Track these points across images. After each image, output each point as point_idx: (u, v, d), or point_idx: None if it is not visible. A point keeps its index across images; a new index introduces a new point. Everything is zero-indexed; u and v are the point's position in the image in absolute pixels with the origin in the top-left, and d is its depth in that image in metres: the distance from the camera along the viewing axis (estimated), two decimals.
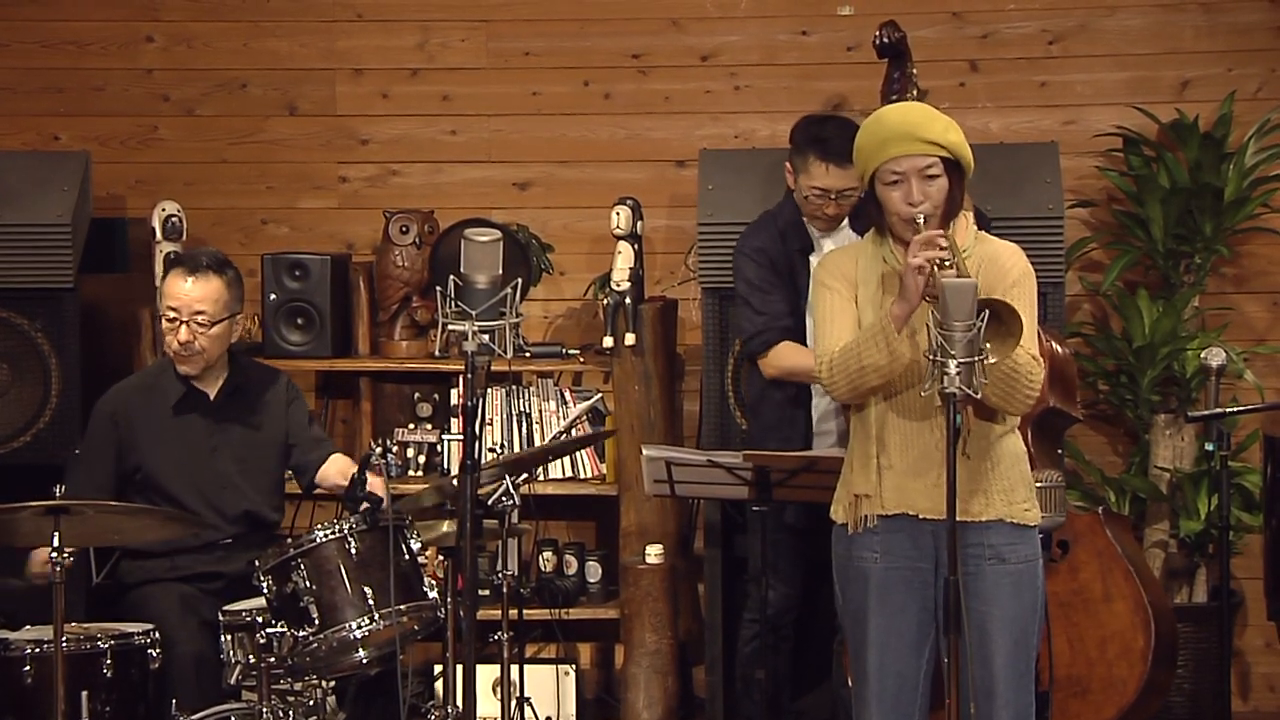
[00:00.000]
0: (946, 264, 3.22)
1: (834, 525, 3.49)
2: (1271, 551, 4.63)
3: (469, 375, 3.46)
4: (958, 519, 3.23)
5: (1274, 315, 5.43)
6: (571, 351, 5.22)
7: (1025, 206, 4.79)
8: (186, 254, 4.38)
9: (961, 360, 3.09)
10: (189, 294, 4.23)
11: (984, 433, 3.38)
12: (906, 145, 3.33)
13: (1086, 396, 5.27)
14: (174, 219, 5.20)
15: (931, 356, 3.12)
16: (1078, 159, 5.36)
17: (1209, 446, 4.51)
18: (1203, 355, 4.64)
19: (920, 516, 3.38)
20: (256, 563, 3.96)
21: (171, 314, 4.25)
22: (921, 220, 3.32)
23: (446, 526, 4.21)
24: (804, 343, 4.27)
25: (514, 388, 5.21)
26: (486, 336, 3.43)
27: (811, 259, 4.33)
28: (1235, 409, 4.71)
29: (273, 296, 5.17)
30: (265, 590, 3.93)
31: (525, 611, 4.70)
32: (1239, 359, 5.14)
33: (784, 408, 4.34)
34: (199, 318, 4.23)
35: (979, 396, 3.15)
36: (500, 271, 3.45)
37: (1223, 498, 4.43)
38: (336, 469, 4.37)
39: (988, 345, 3.12)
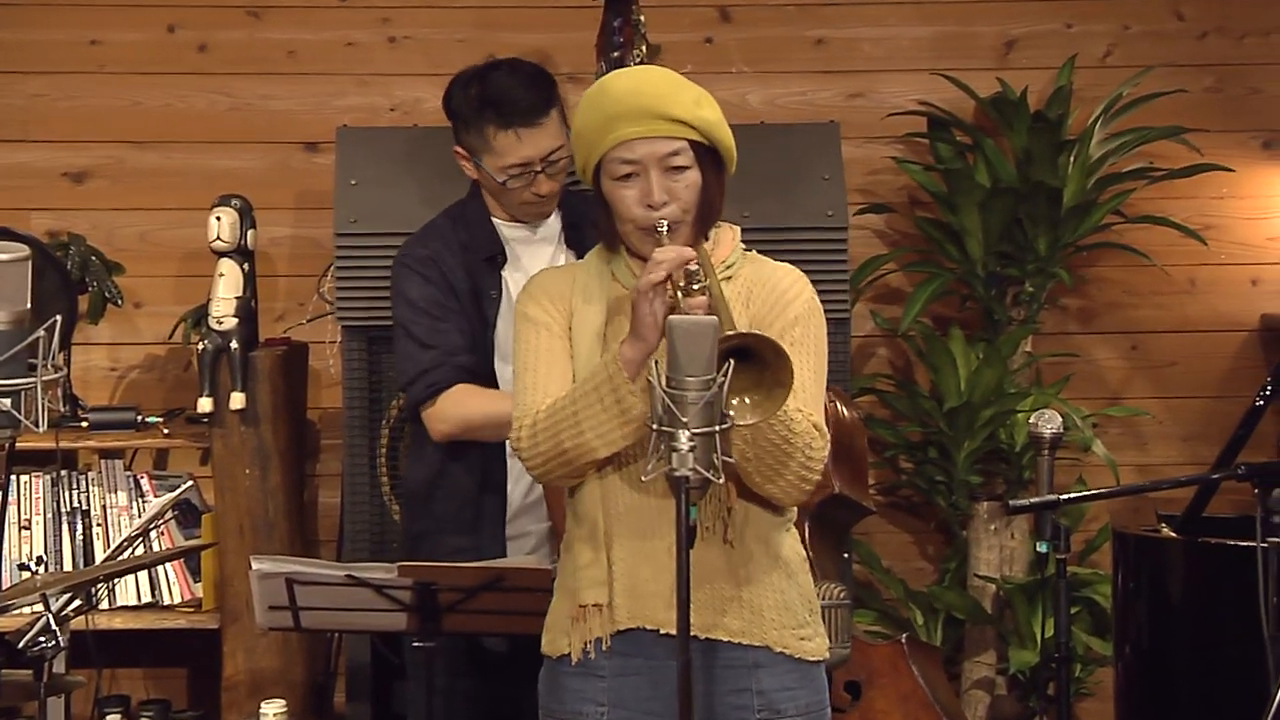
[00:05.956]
0: (696, 286, 3.22)
1: (545, 662, 3.45)
2: (1125, 692, 4.75)
3: None
4: (711, 636, 3.37)
5: (1132, 364, 5.63)
6: (151, 420, 5.21)
7: (795, 212, 4.87)
8: None
9: (697, 431, 3.08)
10: None
11: (754, 520, 3.39)
12: (642, 124, 3.34)
13: (882, 478, 5.36)
14: None
15: (655, 426, 3.12)
16: (867, 146, 5.50)
17: (1042, 547, 4.62)
18: (1032, 420, 4.75)
19: (661, 632, 3.38)
20: None
21: None
22: (665, 230, 3.33)
23: None
24: (492, 386, 4.26)
25: (62, 474, 5.16)
26: (6, 401, 3.32)
27: (505, 274, 4.33)
28: (1075, 495, 4.83)
29: None
30: None
31: None
32: (1085, 424, 5.30)
33: (470, 492, 4.32)
34: None
35: (720, 481, 3.14)
36: (27, 305, 3.38)
37: (1059, 618, 4.54)
38: None
39: (747, 400, 3.14)
